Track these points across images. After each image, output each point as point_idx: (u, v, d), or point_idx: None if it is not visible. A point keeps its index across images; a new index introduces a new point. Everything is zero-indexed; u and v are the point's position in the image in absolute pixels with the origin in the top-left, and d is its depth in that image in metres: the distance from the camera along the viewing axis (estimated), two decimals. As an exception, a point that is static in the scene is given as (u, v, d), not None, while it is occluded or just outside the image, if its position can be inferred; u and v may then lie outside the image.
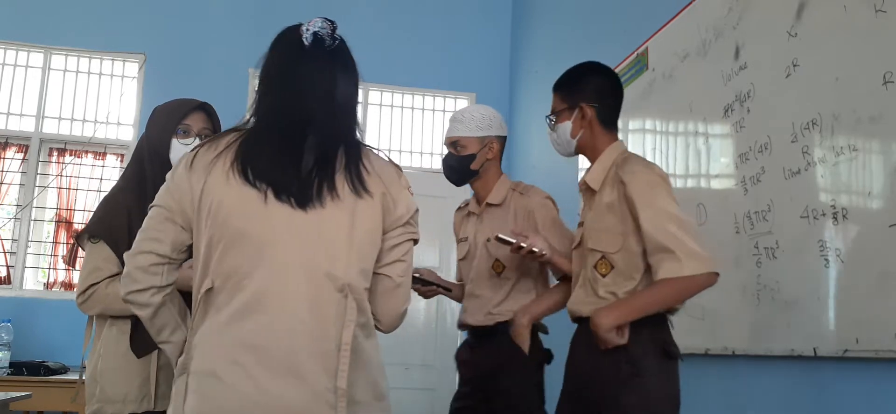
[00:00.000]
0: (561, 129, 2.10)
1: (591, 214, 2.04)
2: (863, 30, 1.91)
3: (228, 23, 5.00)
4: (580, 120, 2.08)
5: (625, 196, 1.93)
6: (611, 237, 1.95)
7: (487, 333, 2.49)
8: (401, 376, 4.58)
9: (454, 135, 2.56)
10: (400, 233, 1.49)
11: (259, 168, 1.41)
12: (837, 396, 1.98)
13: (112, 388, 1.88)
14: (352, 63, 1.55)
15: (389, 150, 5.34)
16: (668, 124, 2.95)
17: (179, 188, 1.45)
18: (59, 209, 4.80)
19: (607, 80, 2.13)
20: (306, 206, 1.40)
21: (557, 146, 2.15)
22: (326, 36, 1.48)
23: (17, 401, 2.99)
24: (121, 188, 2.00)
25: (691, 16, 2.80)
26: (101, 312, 1.90)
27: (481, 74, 5.33)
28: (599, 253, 1.97)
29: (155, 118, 2.05)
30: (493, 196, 2.56)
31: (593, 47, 3.87)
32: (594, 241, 1.99)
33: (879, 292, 1.81)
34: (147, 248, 1.46)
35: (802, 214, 2.10)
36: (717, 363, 2.49)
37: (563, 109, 2.09)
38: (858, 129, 1.92)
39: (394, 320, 1.53)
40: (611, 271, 1.95)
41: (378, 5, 5.29)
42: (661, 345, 1.90)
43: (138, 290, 1.47)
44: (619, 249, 1.94)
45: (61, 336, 4.29)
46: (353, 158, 1.45)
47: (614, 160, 2.03)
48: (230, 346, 1.35)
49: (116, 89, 4.99)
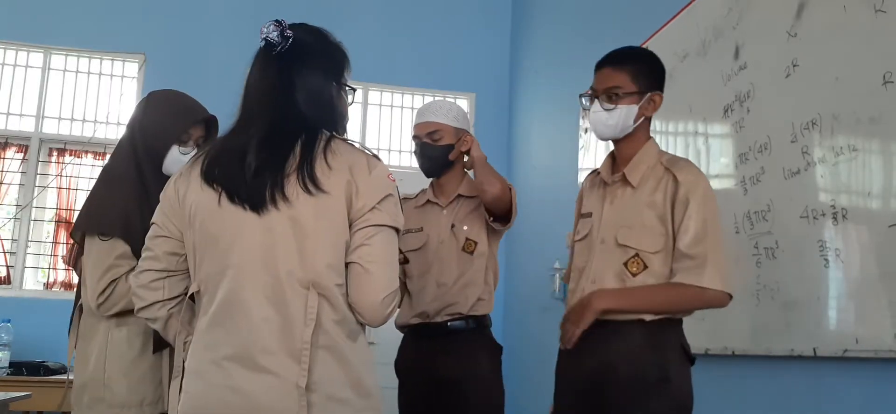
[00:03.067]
0: (623, 111, 1.92)
1: (618, 208, 1.94)
2: (863, 30, 1.91)
3: (228, 23, 5.00)
4: (647, 108, 1.94)
5: (676, 197, 1.85)
6: (651, 236, 1.86)
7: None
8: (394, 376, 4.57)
9: (435, 122, 2.48)
10: (366, 219, 1.45)
11: (217, 173, 1.47)
12: (837, 396, 1.98)
13: (128, 392, 1.85)
14: (320, 58, 1.55)
15: (389, 151, 5.34)
16: (667, 124, 2.95)
17: (168, 200, 1.54)
18: (58, 209, 4.80)
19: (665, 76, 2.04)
20: (259, 208, 1.42)
21: (605, 127, 1.96)
22: (275, 39, 1.50)
23: (17, 401, 2.99)
24: (118, 183, 1.93)
25: (691, 16, 2.80)
26: (125, 308, 1.84)
27: (481, 74, 5.32)
28: (633, 250, 1.87)
29: (156, 113, 1.98)
30: (465, 188, 2.53)
31: (593, 47, 3.86)
32: (627, 237, 1.88)
33: (879, 292, 1.81)
34: (145, 266, 1.55)
35: (802, 214, 2.10)
36: (717, 363, 2.49)
37: (634, 92, 1.92)
38: (858, 129, 1.92)
39: (372, 310, 1.45)
40: (643, 271, 1.85)
41: (378, 5, 5.29)
42: (684, 348, 1.88)
43: (145, 306, 1.57)
44: (659, 249, 1.85)
45: (61, 336, 4.24)
46: (308, 155, 1.45)
47: (657, 157, 1.95)
48: (212, 347, 1.42)
49: (116, 89, 5.00)
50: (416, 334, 2.49)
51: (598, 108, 1.95)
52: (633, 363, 1.81)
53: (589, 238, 1.99)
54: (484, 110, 5.26)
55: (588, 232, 2.00)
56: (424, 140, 2.50)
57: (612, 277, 1.89)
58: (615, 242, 1.90)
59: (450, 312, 2.42)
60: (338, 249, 1.44)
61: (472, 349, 2.43)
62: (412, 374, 2.48)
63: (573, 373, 1.94)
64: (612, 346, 1.84)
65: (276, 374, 1.37)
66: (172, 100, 2.03)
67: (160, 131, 1.96)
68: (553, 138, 4.23)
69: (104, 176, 2.00)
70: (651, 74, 1.96)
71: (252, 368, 1.37)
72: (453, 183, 2.54)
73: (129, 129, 2.02)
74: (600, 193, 2.01)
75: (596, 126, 1.98)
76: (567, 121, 3.89)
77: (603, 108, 1.94)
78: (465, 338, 2.42)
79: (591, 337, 1.85)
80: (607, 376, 1.83)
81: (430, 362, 2.41)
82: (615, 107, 1.93)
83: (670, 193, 1.86)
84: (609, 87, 1.93)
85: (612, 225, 1.93)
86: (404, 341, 2.55)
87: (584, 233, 2.01)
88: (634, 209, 1.90)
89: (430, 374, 2.40)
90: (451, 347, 2.40)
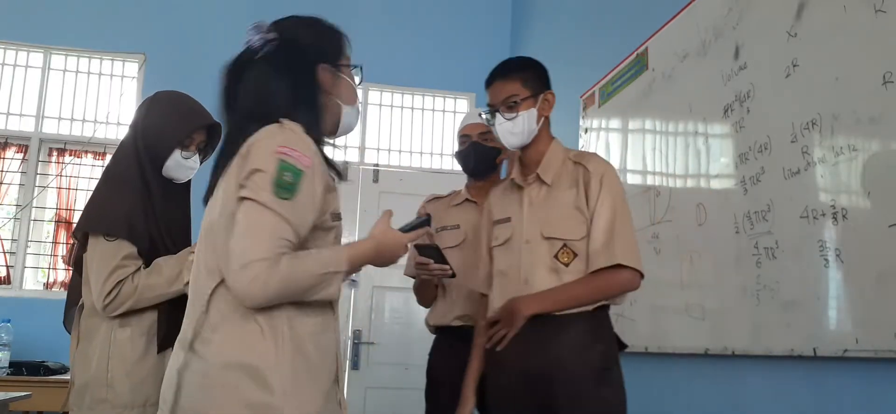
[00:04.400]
0: (524, 116, 2.04)
1: (538, 207, 2.04)
2: (863, 30, 1.91)
3: (228, 23, 4.99)
4: (544, 108, 2.08)
5: (588, 186, 1.97)
6: (575, 225, 1.97)
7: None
8: (401, 376, 4.58)
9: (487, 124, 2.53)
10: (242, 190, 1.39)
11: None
12: (837, 396, 1.98)
13: (131, 393, 1.85)
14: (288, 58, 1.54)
15: (389, 151, 5.35)
16: (667, 124, 2.95)
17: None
18: (58, 209, 4.80)
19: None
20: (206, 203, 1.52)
21: (512, 135, 2.06)
22: (256, 43, 1.53)
23: (17, 401, 2.99)
24: (121, 184, 1.94)
25: (691, 16, 2.80)
26: (131, 307, 1.86)
27: (481, 74, 5.24)
28: (561, 241, 1.97)
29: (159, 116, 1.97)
30: None
31: (593, 47, 3.88)
32: (552, 229, 1.99)
33: (879, 292, 1.81)
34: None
35: (802, 214, 2.10)
36: (717, 363, 2.49)
37: (527, 96, 2.05)
38: (858, 130, 1.92)
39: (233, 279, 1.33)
40: (574, 259, 1.96)
41: (378, 5, 5.29)
42: (616, 335, 2.01)
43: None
44: (584, 236, 1.96)
45: (61, 336, 4.25)
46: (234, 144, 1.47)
47: (564, 154, 2.09)
48: None
49: (116, 89, 5.00)
50: (455, 336, 2.41)
51: (501, 121, 2.07)
52: (581, 354, 1.90)
53: (510, 241, 2.07)
54: (484, 110, 5.25)
55: (509, 236, 2.08)
56: (476, 139, 2.55)
57: (545, 271, 1.98)
58: (541, 237, 2.00)
59: None
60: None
61: None
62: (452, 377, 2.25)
63: (511, 371, 1.96)
64: (557, 339, 1.91)
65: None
66: (176, 103, 2.02)
67: (162, 134, 1.95)
68: (553, 138, 4.21)
69: (107, 176, 2.00)
70: (538, 78, 2.10)
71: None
72: (491, 186, 2.55)
73: (131, 129, 2.01)
74: (516, 198, 2.11)
75: (505, 137, 2.08)
76: (567, 121, 3.89)
77: (506, 118, 2.05)
78: None
79: (532, 334, 1.92)
80: (554, 370, 1.90)
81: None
82: (516, 114, 2.04)
83: (582, 182, 1.99)
84: (505, 98, 2.06)
85: (535, 223, 2.03)
86: (439, 343, 2.52)
87: (505, 237, 2.09)
88: (554, 204, 2.02)
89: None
90: None
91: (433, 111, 5.46)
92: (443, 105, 5.46)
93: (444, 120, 5.45)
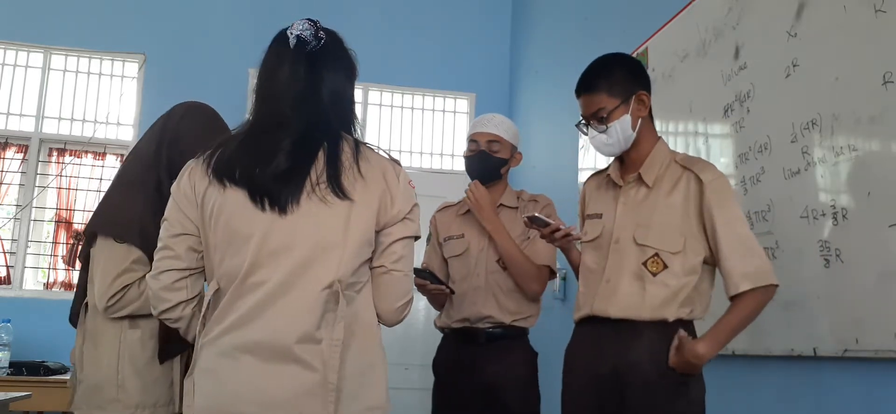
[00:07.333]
0: (618, 126, 1.92)
1: (633, 209, 1.94)
2: (863, 30, 1.91)
3: (228, 23, 5.00)
4: (638, 109, 1.94)
5: (699, 197, 1.86)
6: (672, 236, 1.86)
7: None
8: (401, 376, 4.57)
9: (496, 133, 2.58)
10: (395, 230, 1.52)
11: (241, 171, 1.46)
12: (837, 396, 1.98)
13: (142, 394, 1.85)
14: (343, 61, 1.57)
15: (389, 150, 5.33)
16: (667, 124, 2.95)
17: (185, 197, 1.52)
18: (58, 209, 4.80)
19: (644, 68, 2.03)
20: (286, 208, 1.43)
21: (608, 147, 1.95)
22: (310, 38, 1.50)
23: (17, 401, 2.99)
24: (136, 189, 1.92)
25: (691, 16, 2.80)
26: (134, 312, 1.86)
27: (481, 74, 5.32)
28: (652, 250, 1.87)
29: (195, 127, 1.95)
30: (507, 199, 2.63)
31: (593, 47, 3.86)
32: (645, 236, 1.88)
33: (879, 292, 1.81)
34: (166, 266, 1.52)
35: (802, 214, 2.10)
36: (717, 363, 2.48)
37: (617, 106, 1.91)
38: (858, 130, 1.92)
39: (392, 314, 1.54)
40: (663, 271, 1.86)
41: (378, 5, 5.28)
42: None
43: (168, 308, 1.54)
44: (679, 250, 1.85)
45: (61, 336, 4.25)
46: (335, 161, 1.47)
47: (670, 156, 1.96)
48: (229, 344, 1.42)
49: (116, 89, 5.00)
50: (456, 337, 2.58)
51: (594, 134, 1.97)
52: (658, 363, 1.83)
53: (600, 239, 1.98)
54: (484, 111, 5.18)
55: (599, 233, 1.99)
56: (483, 148, 2.59)
57: (629, 277, 1.89)
58: (632, 241, 1.90)
59: (491, 321, 2.52)
60: (362, 254, 1.47)
61: (511, 355, 2.50)
62: (451, 374, 2.56)
63: (588, 374, 1.93)
64: (635, 346, 1.85)
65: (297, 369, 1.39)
66: (214, 118, 2.01)
67: (196, 146, 1.93)
68: (553, 138, 4.23)
69: (121, 179, 1.99)
70: (626, 79, 1.95)
71: (280, 360, 1.38)
72: (496, 193, 2.63)
73: (157, 134, 1.98)
74: (611, 194, 2.01)
75: (600, 149, 1.99)
76: (567, 121, 3.89)
77: (598, 131, 1.95)
78: (504, 344, 2.51)
79: (609, 338, 1.88)
80: (628, 377, 1.84)
81: (469, 365, 2.50)
82: (607, 126, 1.92)
83: (694, 194, 1.87)
84: (593, 111, 1.95)
85: (627, 225, 1.93)
86: (445, 342, 2.65)
87: (595, 234, 2.01)
88: (652, 209, 1.91)
89: (471, 377, 2.49)
90: (490, 352, 2.49)
91: (433, 111, 5.46)
92: (443, 105, 5.46)
93: (445, 120, 5.45)
